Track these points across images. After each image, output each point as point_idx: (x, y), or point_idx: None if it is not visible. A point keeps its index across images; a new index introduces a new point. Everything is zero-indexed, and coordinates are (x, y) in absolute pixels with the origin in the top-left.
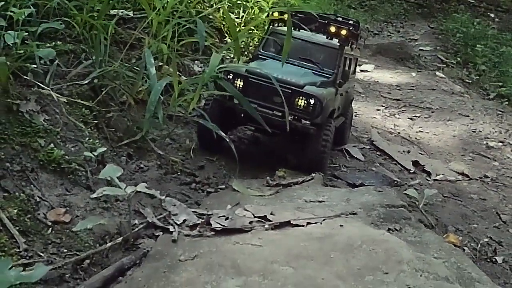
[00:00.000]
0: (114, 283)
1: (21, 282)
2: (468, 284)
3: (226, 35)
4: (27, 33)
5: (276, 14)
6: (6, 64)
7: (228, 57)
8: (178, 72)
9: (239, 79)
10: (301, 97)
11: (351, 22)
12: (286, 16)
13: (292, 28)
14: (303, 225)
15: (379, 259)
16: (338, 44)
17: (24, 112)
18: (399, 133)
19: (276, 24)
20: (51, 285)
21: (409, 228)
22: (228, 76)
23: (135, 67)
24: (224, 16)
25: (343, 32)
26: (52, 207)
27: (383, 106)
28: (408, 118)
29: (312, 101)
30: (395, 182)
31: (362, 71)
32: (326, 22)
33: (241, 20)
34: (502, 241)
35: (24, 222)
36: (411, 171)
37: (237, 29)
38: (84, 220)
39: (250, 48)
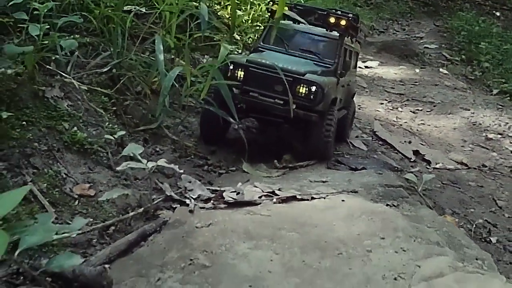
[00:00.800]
0: (137, 247)
1: (63, 232)
2: (458, 249)
3: (235, 31)
4: (48, 26)
5: (275, 6)
6: (33, 53)
7: (236, 52)
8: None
9: (239, 69)
10: (302, 85)
11: (350, 15)
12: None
13: (292, 21)
14: (308, 199)
15: (377, 226)
16: (338, 34)
17: (49, 97)
18: (401, 125)
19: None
20: (79, 248)
21: (406, 205)
22: (229, 67)
23: (151, 57)
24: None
25: (343, 22)
26: (77, 183)
27: (386, 100)
28: (411, 111)
29: (313, 88)
30: (396, 168)
31: (366, 67)
32: (326, 13)
33: (248, 17)
34: (497, 224)
35: (53, 195)
36: (411, 160)
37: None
38: (109, 191)
39: None
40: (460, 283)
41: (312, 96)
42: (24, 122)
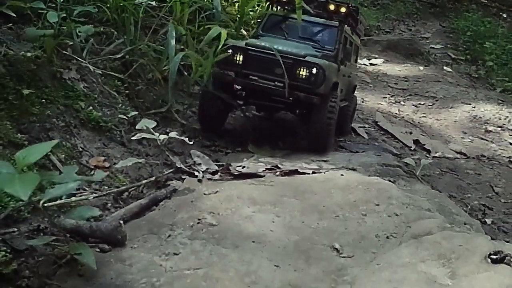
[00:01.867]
0: (148, 211)
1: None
2: (447, 215)
3: (242, 26)
4: (65, 15)
5: None
6: (52, 37)
7: None
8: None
9: (238, 53)
10: (303, 67)
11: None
12: None
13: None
14: (309, 173)
15: (372, 195)
16: (338, 21)
17: (67, 79)
18: (403, 117)
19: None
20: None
21: (401, 181)
22: (229, 51)
23: (161, 46)
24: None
25: (343, 9)
26: (92, 156)
27: (390, 95)
28: (413, 105)
29: (314, 70)
30: (396, 154)
31: (371, 64)
32: (325, 0)
33: (256, 13)
34: (493, 207)
35: (70, 165)
36: (411, 148)
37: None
38: (124, 160)
39: None
40: (446, 239)
41: (313, 78)
42: (43, 100)
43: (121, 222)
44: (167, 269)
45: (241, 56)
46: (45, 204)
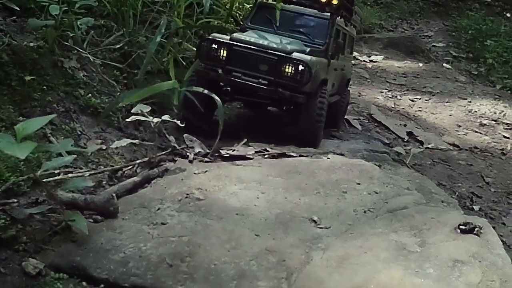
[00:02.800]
0: (141, 188)
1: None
2: (426, 194)
3: (242, 23)
4: (66, 8)
5: None
6: (53, 27)
7: None
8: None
9: (222, 48)
10: (288, 64)
11: None
12: None
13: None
14: (296, 156)
15: (354, 175)
16: (329, 13)
17: (67, 67)
18: (398, 111)
19: None
20: (91, 187)
21: (387, 166)
22: (213, 46)
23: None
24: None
25: (334, 1)
26: (90, 139)
27: (387, 90)
28: (409, 99)
29: (300, 67)
30: (387, 143)
31: (371, 61)
32: None
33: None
34: (482, 196)
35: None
36: (404, 140)
37: None
38: (119, 140)
39: None
40: (420, 213)
41: (298, 76)
42: (44, 87)
43: (113, 195)
44: (154, 236)
45: (225, 52)
46: (44, 180)
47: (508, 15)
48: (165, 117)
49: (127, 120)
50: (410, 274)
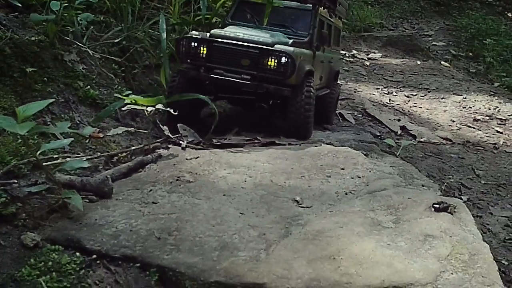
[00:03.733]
0: (135, 172)
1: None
2: (408, 179)
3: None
4: (67, 4)
5: None
6: (54, 22)
7: None
8: None
9: (202, 45)
10: (270, 57)
11: None
12: None
13: None
14: (285, 144)
15: (339, 161)
16: (311, 4)
17: (67, 61)
18: (393, 106)
19: None
20: (88, 171)
21: (374, 154)
22: (193, 44)
23: (157, 32)
24: None
25: None
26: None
27: (383, 86)
28: (405, 95)
29: (283, 59)
30: (378, 136)
31: (369, 59)
32: None
33: None
34: (472, 187)
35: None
36: (397, 133)
37: None
38: (116, 128)
39: None
40: (398, 194)
41: (282, 68)
42: (45, 78)
43: (108, 176)
44: (145, 214)
45: (205, 49)
46: (44, 164)
47: (510, 14)
48: (159, 106)
49: (122, 109)
50: (382, 246)
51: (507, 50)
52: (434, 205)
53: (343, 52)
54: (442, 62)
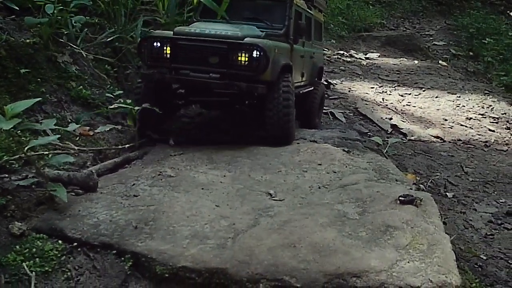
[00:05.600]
0: (121, 168)
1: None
2: (383, 174)
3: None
4: (62, 7)
5: None
6: (48, 24)
7: None
8: None
9: (166, 45)
10: (240, 51)
11: None
12: None
13: None
14: None
15: (317, 157)
16: None
17: (61, 62)
18: (386, 105)
19: None
20: (76, 166)
21: (356, 151)
22: (156, 44)
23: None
24: None
25: None
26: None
27: (378, 85)
28: (399, 94)
29: (255, 53)
30: (365, 133)
31: (367, 58)
32: None
33: None
34: (459, 184)
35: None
36: (388, 132)
37: None
38: (104, 125)
39: None
40: (368, 188)
41: (254, 63)
42: (38, 79)
43: (93, 171)
44: (125, 205)
45: (169, 48)
46: (33, 159)
47: (511, 13)
48: (145, 105)
49: (110, 107)
50: (343, 236)
51: (507, 50)
52: (400, 198)
53: (341, 52)
54: (440, 62)
